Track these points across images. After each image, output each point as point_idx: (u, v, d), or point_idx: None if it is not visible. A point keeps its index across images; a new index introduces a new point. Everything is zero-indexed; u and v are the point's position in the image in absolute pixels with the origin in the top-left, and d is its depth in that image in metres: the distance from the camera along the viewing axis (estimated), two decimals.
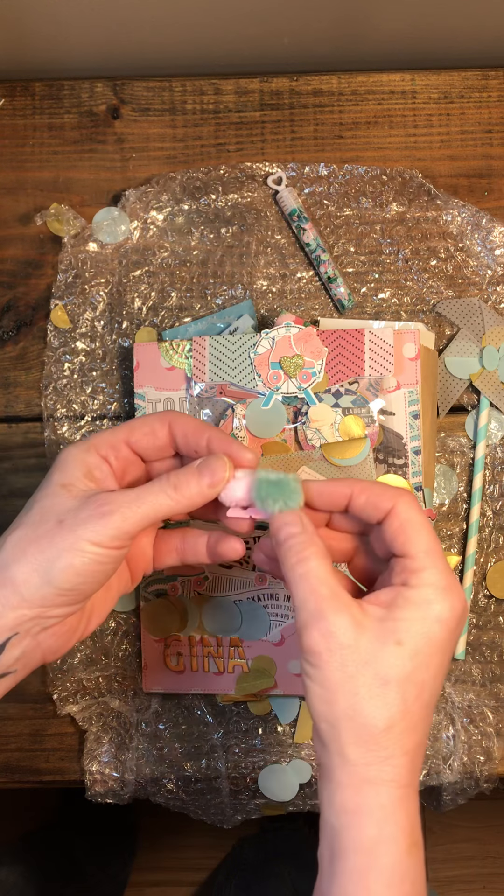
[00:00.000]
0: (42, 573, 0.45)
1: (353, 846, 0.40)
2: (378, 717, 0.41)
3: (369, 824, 0.40)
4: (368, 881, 0.40)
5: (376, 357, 0.64)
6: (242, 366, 0.65)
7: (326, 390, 0.65)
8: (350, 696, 0.41)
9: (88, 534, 0.44)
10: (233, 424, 0.65)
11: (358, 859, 0.40)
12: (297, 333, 0.65)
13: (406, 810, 0.41)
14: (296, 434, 0.65)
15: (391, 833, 0.40)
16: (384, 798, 0.40)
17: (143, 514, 0.46)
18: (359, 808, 0.40)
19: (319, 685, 0.42)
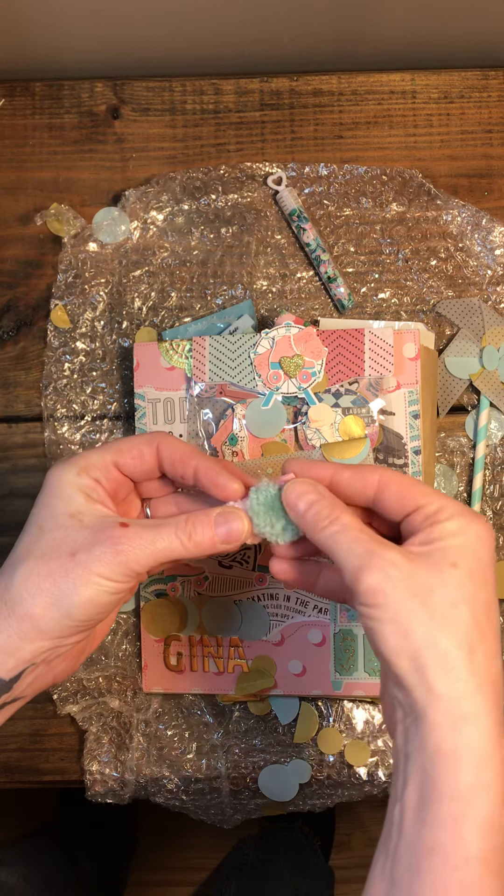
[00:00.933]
0: (60, 607, 0.45)
1: (449, 792, 0.38)
2: (459, 640, 0.40)
3: (467, 769, 0.38)
4: (464, 830, 0.38)
5: (376, 357, 0.64)
6: (242, 366, 0.65)
7: (326, 390, 0.65)
8: (426, 623, 0.40)
9: (102, 569, 0.45)
10: (233, 424, 0.65)
11: (452, 807, 0.38)
12: (297, 333, 0.65)
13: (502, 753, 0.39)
14: (296, 434, 0.65)
15: (489, 780, 0.38)
16: (483, 737, 0.39)
17: (156, 557, 0.46)
18: (456, 750, 0.38)
19: (389, 622, 0.40)
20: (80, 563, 0.45)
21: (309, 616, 0.65)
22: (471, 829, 0.38)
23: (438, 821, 0.38)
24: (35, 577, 0.46)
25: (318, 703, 0.68)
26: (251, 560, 0.66)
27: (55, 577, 0.45)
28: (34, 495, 0.70)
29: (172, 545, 0.47)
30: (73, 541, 0.46)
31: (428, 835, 0.38)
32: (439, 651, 0.39)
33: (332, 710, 0.68)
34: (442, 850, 0.38)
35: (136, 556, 0.46)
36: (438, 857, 0.38)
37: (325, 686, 0.66)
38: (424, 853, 0.38)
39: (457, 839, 0.38)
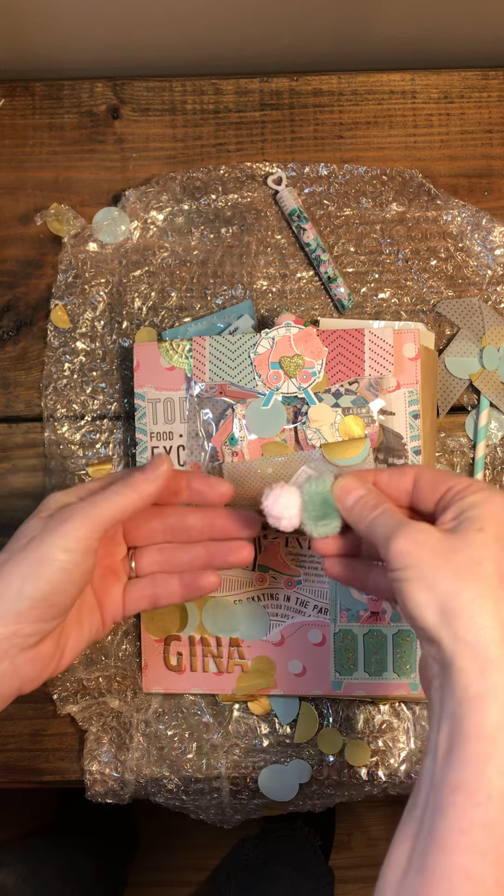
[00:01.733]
0: (15, 588, 0.48)
1: (476, 733, 0.39)
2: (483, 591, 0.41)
3: (493, 709, 0.40)
4: (488, 769, 0.39)
5: (376, 357, 0.64)
6: (242, 366, 0.65)
7: (326, 390, 0.65)
8: (450, 578, 0.42)
9: (54, 541, 0.48)
10: (233, 424, 0.65)
11: (479, 747, 0.39)
12: (297, 333, 0.65)
13: None
14: (296, 434, 0.65)
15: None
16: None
17: (100, 513, 0.49)
18: (484, 693, 0.40)
19: (416, 579, 0.43)
20: (35, 543, 0.48)
21: (309, 616, 0.65)
22: (496, 768, 0.39)
23: (464, 761, 0.39)
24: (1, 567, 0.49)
25: (318, 703, 0.68)
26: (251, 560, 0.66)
27: (14, 560, 0.48)
28: (34, 495, 0.71)
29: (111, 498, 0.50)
30: (32, 530, 0.50)
31: (453, 775, 0.39)
32: (464, 601, 0.41)
33: (332, 710, 0.68)
34: (466, 787, 0.39)
35: (82, 516, 0.49)
36: (462, 794, 0.38)
37: (325, 686, 0.66)
38: (449, 792, 0.39)
39: (481, 777, 0.38)
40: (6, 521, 0.70)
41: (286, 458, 0.65)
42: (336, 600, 0.65)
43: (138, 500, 0.51)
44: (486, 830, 0.38)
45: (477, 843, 0.38)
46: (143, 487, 0.51)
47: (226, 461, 0.65)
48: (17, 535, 0.51)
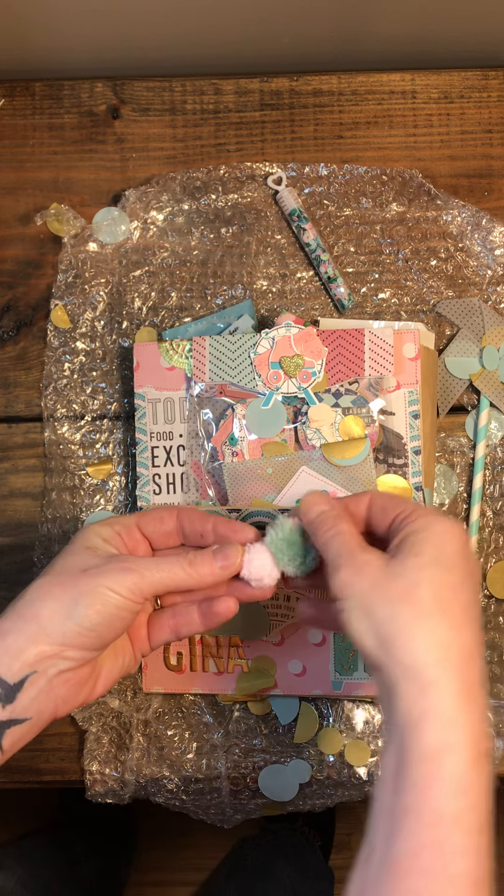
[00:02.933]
0: (66, 610, 0.49)
1: (419, 755, 0.40)
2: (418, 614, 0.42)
3: (433, 731, 0.40)
4: (432, 791, 0.39)
5: (376, 357, 0.64)
6: (242, 366, 0.65)
7: (326, 390, 0.65)
8: (386, 603, 0.43)
9: (109, 582, 0.49)
10: (233, 424, 0.65)
11: (423, 769, 0.40)
12: (297, 333, 0.65)
13: (470, 717, 0.41)
14: (296, 434, 0.65)
15: (455, 741, 0.40)
16: (448, 701, 0.41)
17: (160, 578, 0.51)
18: (423, 715, 0.40)
19: (356, 608, 0.44)
20: (89, 576, 0.49)
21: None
22: (440, 789, 0.39)
23: (410, 784, 0.39)
24: (47, 586, 0.50)
25: (318, 703, 0.68)
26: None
27: (65, 586, 0.49)
28: (34, 495, 0.71)
29: (175, 569, 0.51)
30: (85, 562, 0.51)
31: (402, 799, 0.39)
32: (399, 625, 0.42)
33: (332, 710, 0.68)
34: (415, 810, 0.39)
35: (142, 574, 0.50)
36: (412, 817, 0.39)
37: (325, 686, 0.66)
38: (400, 815, 0.39)
39: (428, 799, 0.39)
40: (6, 521, 0.70)
41: (286, 458, 0.65)
42: None
43: (199, 581, 0.52)
44: (437, 852, 0.39)
45: (428, 865, 0.38)
46: (206, 575, 0.52)
47: (226, 461, 0.65)
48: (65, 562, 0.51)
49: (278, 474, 0.65)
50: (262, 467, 0.65)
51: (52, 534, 0.70)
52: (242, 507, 0.65)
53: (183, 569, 0.52)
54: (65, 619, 0.48)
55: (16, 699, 0.48)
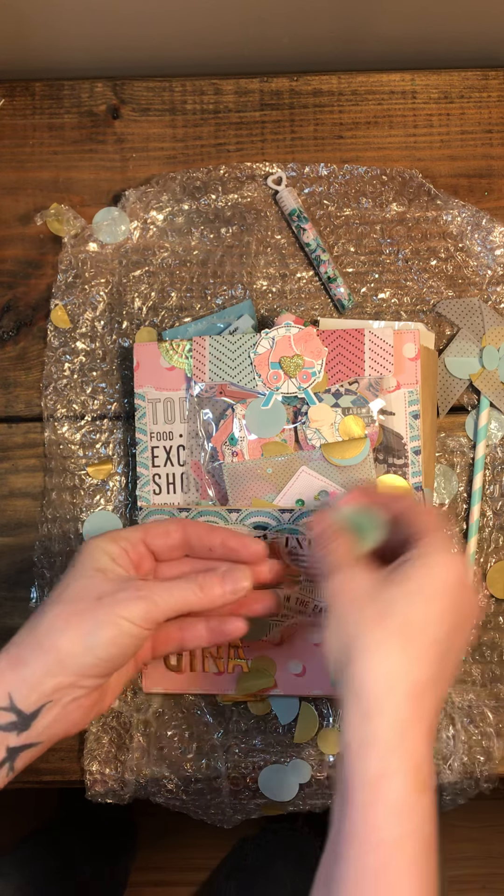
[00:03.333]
0: (84, 643, 0.49)
1: (360, 781, 0.41)
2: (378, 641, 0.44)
3: (373, 758, 0.41)
4: (373, 817, 0.40)
5: (376, 357, 0.64)
6: (242, 366, 0.65)
7: (326, 390, 0.65)
8: (357, 623, 0.45)
9: (124, 612, 0.50)
10: (233, 424, 0.65)
11: (364, 794, 0.41)
12: (297, 333, 0.65)
13: (412, 746, 0.42)
14: (296, 434, 0.65)
15: (396, 767, 0.41)
16: (388, 728, 0.42)
17: (172, 604, 0.52)
18: (363, 742, 0.42)
19: (334, 621, 0.46)
20: (105, 605, 0.50)
21: (309, 616, 0.65)
22: (381, 814, 0.40)
23: (353, 810, 0.41)
24: (64, 615, 0.50)
25: (318, 703, 0.68)
26: None
27: (82, 615, 0.50)
28: (34, 495, 0.71)
29: (185, 594, 0.52)
30: (99, 588, 0.51)
31: (346, 826, 0.41)
32: (359, 648, 0.44)
33: (333, 710, 0.68)
34: (357, 836, 0.40)
35: (156, 601, 0.51)
36: (355, 843, 0.40)
37: (325, 686, 0.66)
38: (344, 841, 0.40)
39: (368, 825, 0.40)
40: (6, 521, 0.70)
41: (286, 458, 0.65)
42: None
43: (209, 605, 0.53)
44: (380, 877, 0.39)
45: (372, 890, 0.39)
46: (216, 598, 0.53)
47: (226, 461, 0.66)
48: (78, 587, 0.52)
49: (278, 474, 0.65)
50: (262, 467, 0.65)
51: (52, 534, 0.70)
52: (242, 507, 0.65)
53: (194, 593, 0.52)
54: (83, 652, 0.49)
55: (31, 727, 0.49)
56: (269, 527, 0.66)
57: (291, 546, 0.66)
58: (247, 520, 0.66)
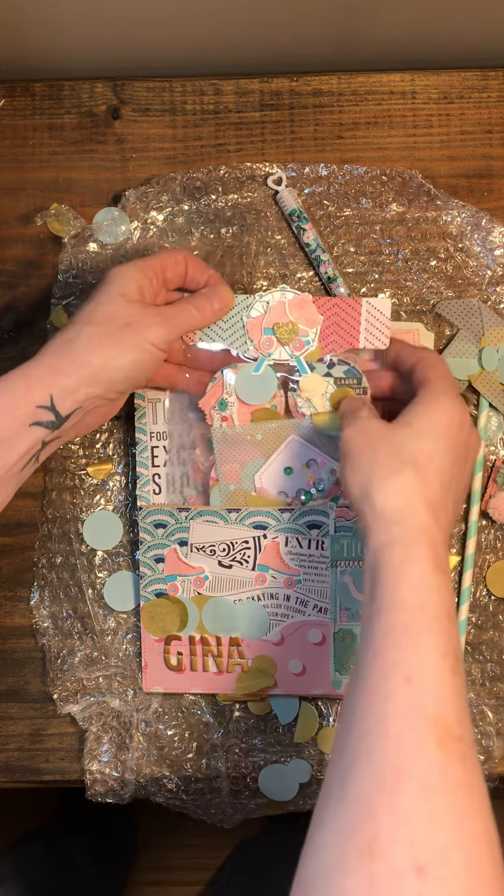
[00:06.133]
0: (114, 361, 0.57)
1: (388, 568, 0.48)
2: (393, 470, 0.51)
3: (397, 550, 0.48)
4: (399, 590, 0.47)
5: (371, 329, 0.64)
6: (235, 328, 0.65)
7: (319, 360, 0.65)
8: (372, 461, 0.53)
9: (150, 336, 0.58)
10: (222, 389, 0.65)
11: (390, 577, 0.47)
12: (293, 300, 0.65)
13: (430, 541, 0.49)
14: (286, 402, 0.65)
15: (416, 555, 0.48)
16: (408, 531, 0.49)
17: (182, 325, 0.61)
18: (388, 541, 0.49)
19: (349, 462, 0.54)
20: (133, 330, 0.57)
21: (309, 616, 0.66)
22: (406, 589, 0.47)
23: (381, 590, 0.47)
24: (97, 336, 0.57)
25: (318, 702, 0.68)
26: (251, 560, 0.66)
27: (114, 337, 0.57)
28: (34, 495, 0.71)
29: (189, 315, 0.61)
30: (126, 313, 0.58)
31: (376, 602, 0.47)
32: (378, 478, 0.52)
33: (333, 710, 0.68)
34: (386, 606, 0.46)
35: (173, 324, 0.59)
36: (384, 611, 0.46)
37: (325, 685, 0.66)
38: (375, 613, 0.47)
39: (396, 596, 0.47)
40: (6, 521, 0.70)
41: (277, 425, 0.65)
42: (336, 600, 0.65)
43: (205, 321, 0.63)
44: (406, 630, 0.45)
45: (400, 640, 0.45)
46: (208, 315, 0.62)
47: (215, 426, 0.65)
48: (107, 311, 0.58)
49: (268, 441, 0.65)
50: (252, 433, 0.65)
51: (52, 534, 0.70)
52: (241, 507, 0.66)
53: (193, 315, 0.61)
54: (114, 371, 0.57)
55: (61, 427, 0.56)
56: (269, 526, 0.66)
57: (291, 546, 0.66)
58: (246, 519, 0.66)
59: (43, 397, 0.55)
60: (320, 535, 0.65)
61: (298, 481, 0.65)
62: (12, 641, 0.70)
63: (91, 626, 0.69)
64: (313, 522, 0.65)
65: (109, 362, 0.56)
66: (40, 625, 0.69)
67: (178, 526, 0.66)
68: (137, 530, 0.68)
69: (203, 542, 0.66)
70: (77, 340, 0.57)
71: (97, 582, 0.70)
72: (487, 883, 0.37)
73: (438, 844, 0.38)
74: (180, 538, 0.67)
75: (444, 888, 0.36)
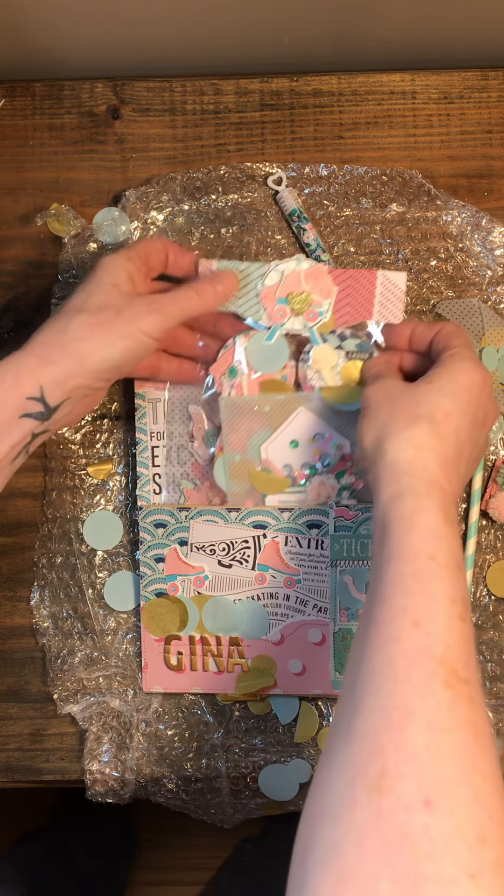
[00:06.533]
0: (104, 350, 0.56)
1: (397, 518, 0.48)
2: (407, 423, 0.52)
3: (408, 500, 0.48)
4: (410, 538, 0.47)
5: (386, 302, 0.64)
6: (249, 296, 0.65)
7: (332, 331, 0.64)
8: (388, 414, 0.53)
9: (142, 325, 0.57)
10: (233, 356, 0.65)
11: (401, 525, 0.48)
12: (308, 269, 0.64)
13: (440, 493, 0.49)
14: (296, 373, 0.65)
15: (426, 506, 0.48)
16: (418, 482, 0.49)
17: (178, 312, 0.59)
18: (399, 493, 0.49)
19: (367, 416, 0.55)
20: (123, 319, 0.57)
21: (309, 615, 0.66)
22: (416, 538, 0.47)
23: (391, 537, 0.47)
24: (87, 325, 0.56)
25: (318, 702, 0.68)
26: (251, 559, 0.66)
27: (104, 326, 0.56)
28: (34, 495, 0.71)
29: (187, 301, 0.60)
30: (117, 303, 0.57)
31: (386, 550, 0.47)
32: (392, 430, 0.52)
33: (333, 710, 0.68)
34: (396, 555, 0.47)
35: (168, 312, 0.58)
36: (394, 559, 0.46)
37: (325, 685, 0.66)
38: (385, 560, 0.47)
39: (406, 545, 0.47)
40: (6, 521, 0.71)
41: (286, 397, 0.64)
42: (336, 599, 0.65)
43: (205, 307, 0.62)
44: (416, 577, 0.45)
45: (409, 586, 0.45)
46: (210, 299, 0.62)
47: (223, 395, 0.65)
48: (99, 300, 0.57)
49: (276, 412, 0.65)
50: (261, 404, 0.65)
51: (52, 534, 0.70)
52: (242, 508, 0.66)
53: (192, 299, 0.60)
54: (103, 360, 0.56)
55: (51, 418, 0.56)
56: (269, 526, 0.66)
57: (291, 545, 0.66)
58: (246, 519, 0.66)
59: (33, 388, 0.55)
60: (320, 535, 0.65)
61: (304, 455, 0.65)
62: (12, 641, 0.70)
63: (91, 626, 0.69)
64: (313, 522, 0.65)
65: (100, 350, 0.56)
66: (40, 625, 0.69)
67: (178, 525, 0.67)
68: (137, 530, 0.68)
69: (203, 542, 0.66)
70: (67, 330, 0.56)
71: (97, 582, 0.70)
72: (494, 816, 0.38)
73: (446, 779, 0.38)
74: (180, 538, 0.67)
75: (450, 820, 0.37)
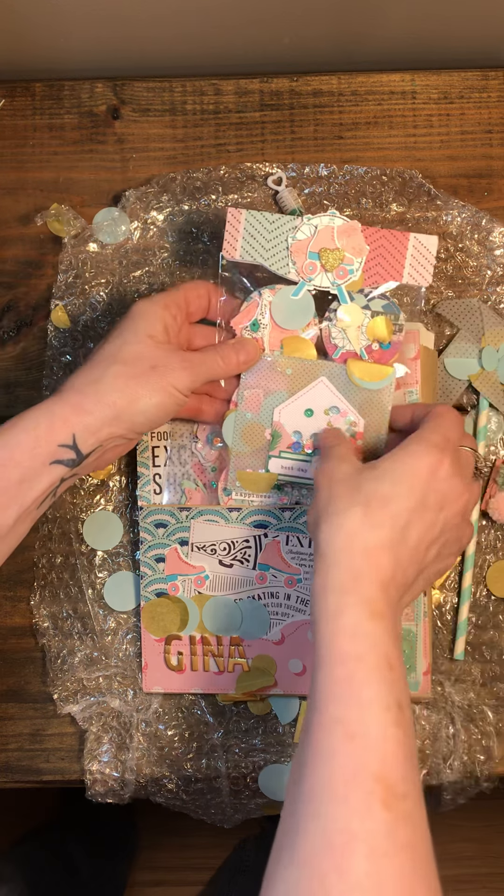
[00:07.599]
0: (138, 404, 0.57)
1: (325, 617, 0.48)
2: (344, 505, 0.51)
3: (332, 597, 0.49)
4: (336, 641, 0.47)
5: (416, 265, 0.63)
6: (278, 248, 0.64)
7: (360, 290, 0.64)
8: (327, 497, 0.53)
9: (174, 381, 0.58)
10: (257, 309, 0.64)
11: (328, 626, 0.48)
12: (342, 226, 0.63)
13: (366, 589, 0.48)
14: (320, 333, 0.64)
15: (350, 602, 0.48)
16: (343, 575, 0.49)
17: (206, 373, 0.61)
18: (324, 586, 0.49)
19: (314, 493, 0.55)
20: (159, 374, 0.58)
21: (309, 615, 0.66)
22: (342, 640, 0.47)
23: (319, 638, 0.48)
24: (123, 377, 0.57)
25: None
26: (251, 559, 0.66)
27: (139, 379, 0.57)
28: None
29: (214, 364, 0.61)
30: (152, 356, 0.58)
31: (317, 651, 0.48)
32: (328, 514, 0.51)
33: None
34: (325, 658, 0.47)
35: (198, 371, 0.59)
36: (324, 664, 0.47)
37: None
38: (316, 664, 0.47)
39: (334, 648, 0.47)
40: None
41: (310, 364, 0.64)
42: None
43: (229, 372, 0.63)
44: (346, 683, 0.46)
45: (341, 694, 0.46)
46: (232, 366, 0.63)
47: None
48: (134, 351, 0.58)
49: (297, 377, 0.64)
50: (283, 365, 0.64)
51: (52, 534, 0.70)
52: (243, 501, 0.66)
53: (218, 364, 0.62)
54: (137, 413, 0.57)
55: (81, 465, 0.57)
56: (270, 525, 0.66)
57: (292, 544, 0.66)
58: (247, 518, 0.66)
59: (66, 436, 0.55)
60: None
61: (316, 425, 0.64)
62: (12, 641, 0.70)
63: (91, 626, 0.69)
64: None
65: (134, 404, 0.57)
66: (40, 625, 0.69)
67: (179, 525, 0.67)
68: (138, 530, 0.68)
69: (204, 542, 0.66)
70: (103, 380, 0.57)
71: (97, 582, 0.70)
72: None
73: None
74: (181, 538, 0.67)
75: None
